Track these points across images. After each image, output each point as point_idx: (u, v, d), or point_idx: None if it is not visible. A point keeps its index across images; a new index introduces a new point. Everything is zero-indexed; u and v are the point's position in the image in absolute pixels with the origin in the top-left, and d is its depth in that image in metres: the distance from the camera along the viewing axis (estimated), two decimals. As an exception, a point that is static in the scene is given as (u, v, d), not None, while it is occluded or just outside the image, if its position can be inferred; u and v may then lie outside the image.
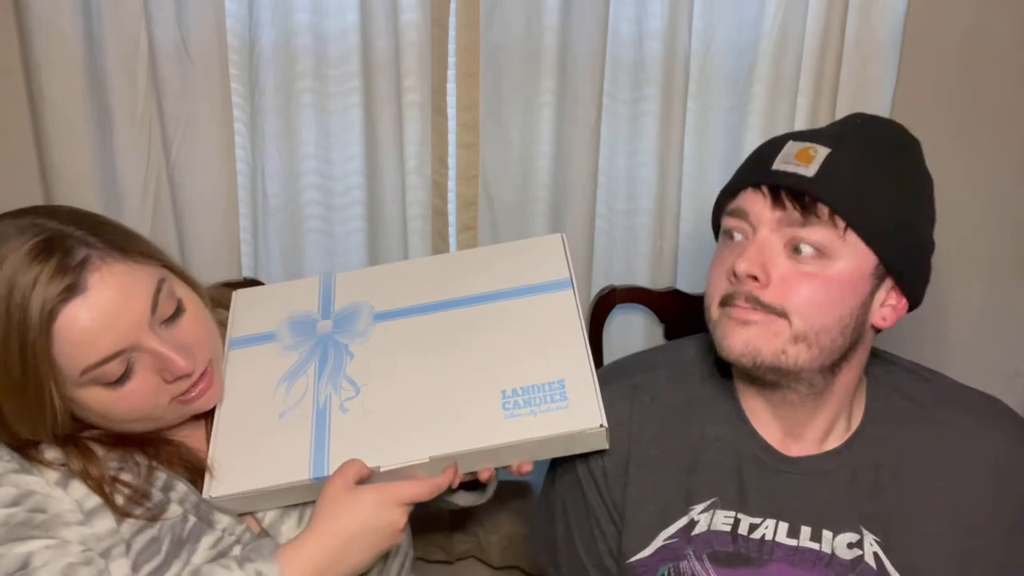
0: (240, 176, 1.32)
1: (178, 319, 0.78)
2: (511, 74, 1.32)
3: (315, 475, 0.81)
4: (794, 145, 0.81)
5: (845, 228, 0.78)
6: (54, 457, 0.77)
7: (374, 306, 0.93)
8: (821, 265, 0.79)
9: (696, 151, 1.41)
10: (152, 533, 0.77)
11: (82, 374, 0.72)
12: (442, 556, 1.59)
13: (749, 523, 0.87)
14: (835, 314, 0.80)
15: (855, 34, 1.36)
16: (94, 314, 0.71)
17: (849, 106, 1.40)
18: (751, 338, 0.80)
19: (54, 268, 0.70)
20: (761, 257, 0.80)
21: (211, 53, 1.22)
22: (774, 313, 0.80)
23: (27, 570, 0.70)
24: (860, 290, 0.81)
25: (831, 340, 0.81)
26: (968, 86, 1.48)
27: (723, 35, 1.34)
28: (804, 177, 0.78)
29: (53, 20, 1.16)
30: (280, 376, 0.88)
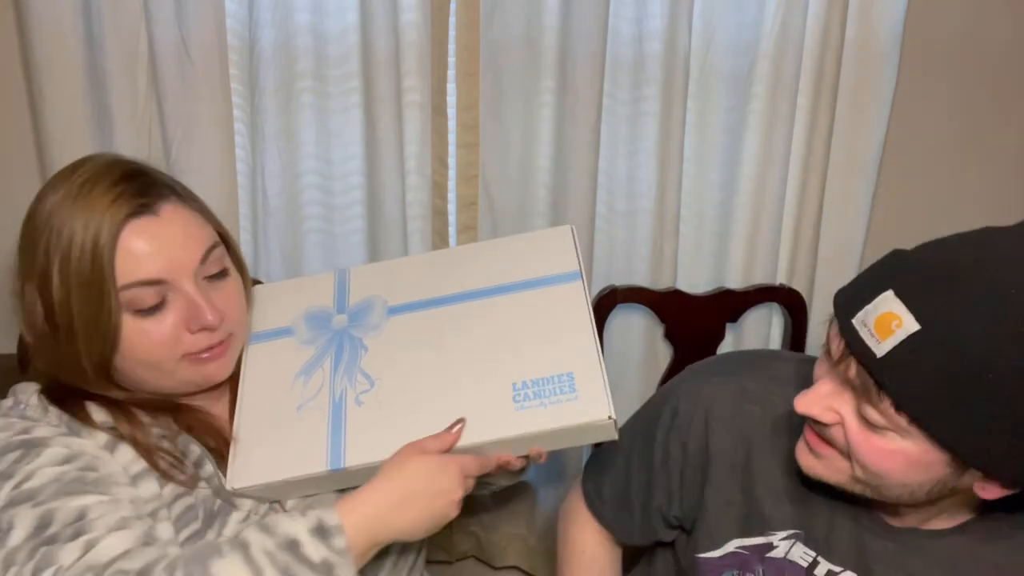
0: (240, 176, 1.32)
1: (219, 282, 0.83)
2: (511, 74, 1.32)
3: (332, 467, 0.83)
4: (884, 303, 0.67)
5: (909, 421, 0.67)
6: (102, 420, 0.80)
7: (387, 300, 0.94)
8: (884, 438, 0.70)
9: (696, 151, 1.41)
10: (189, 500, 0.80)
11: (122, 289, 0.76)
12: (442, 556, 1.60)
13: (828, 568, 0.83)
14: (897, 480, 0.72)
15: (855, 34, 1.36)
16: (155, 236, 0.78)
17: (849, 106, 1.40)
18: (815, 466, 0.77)
19: (135, 190, 0.78)
20: (827, 401, 0.73)
21: (211, 53, 1.22)
22: (839, 452, 0.74)
23: (84, 521, 0.72)
24: (933, 471, 0.70)
25: (898, 495, 0.74)
26: (968, 86, 1.48)
27: (723, 35, 1.34)
28: (872, 354, 0.66)
29: (53, 20, 1.17)
30: (298, 370, 0.90)
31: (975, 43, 1.45)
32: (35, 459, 0.74)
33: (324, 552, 0.72)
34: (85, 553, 0.70)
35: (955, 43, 1.45)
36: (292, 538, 0.72)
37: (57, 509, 0.72)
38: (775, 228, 1.45)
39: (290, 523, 0.73)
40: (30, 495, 0.72)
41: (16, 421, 0.78)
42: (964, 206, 1.54)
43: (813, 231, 1.47)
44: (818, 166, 1.43)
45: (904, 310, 0.65)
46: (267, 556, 0.71)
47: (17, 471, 0.73)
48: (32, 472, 0.74)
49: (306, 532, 0.72)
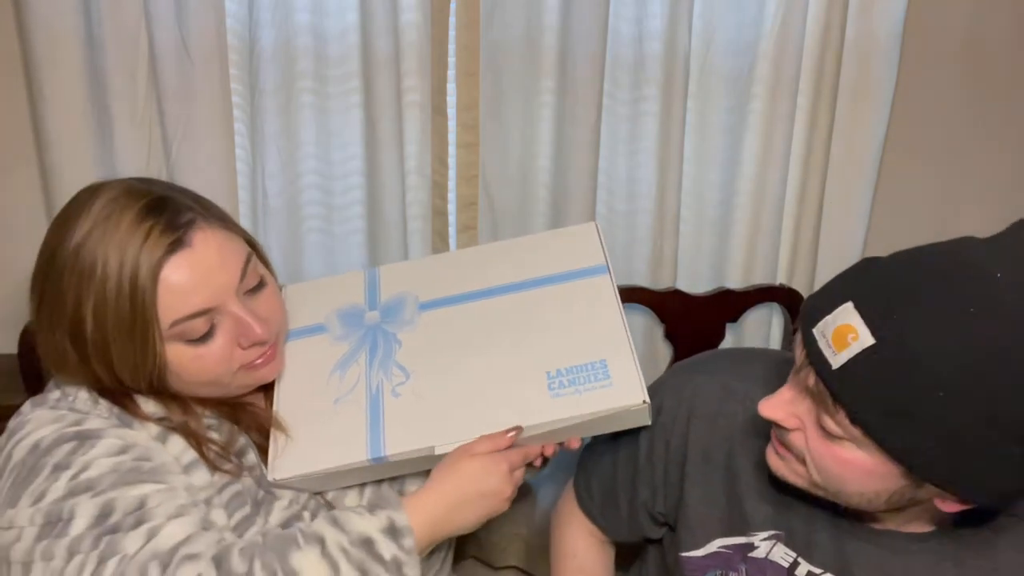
0: (240, 176, 1.32)
1: (259, 293, 0.84)
2: (511, 74, 1.32)
3: (372, 456, 0.84)
4: (843, 315, 0.66)
5: (864, 435, 0.67)
6: (152, 411, 0.81)
7: (419, 296, 0.96)
8: (841, 446, 0.70)
9: (696, 151, 1.41)
10: (237, 487, 0.82)
11: (171, 326, 0.76)
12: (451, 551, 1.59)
13: (808, 570, 0.83)
14: (854, 489, 0.72)
15: (855, 34, 1.36)
16: (194, 269, 0.77)
17: (849, 106, 1.40)
18: (780, 468, 0.78)
19: (164, 224, 0.76)
20: (790, 407, 0.73)
21: (211, 53, 1.22)
22: (797, 458, 0.75)
23: (144, 509, 0.73)
24: (890, 482, 0.70)
25: (856, 503, 0.74)
26: (968, 86, 1.48)
27: (723, 35, 1.34)
28: (828, 366, 0.66)
29: (53, 20, 1.17)
30: (333, 365, 0.92)
31: (975, 43, 1.45)
32: (91, 450, 0.75)
33: (395, 550, 0.76)
34: (148, 541, 0.72)
35: (955, 43, 1.45)
36: (366, 536, 0.75)
37: (117, 498, 0.73)
38: (775, 228, 1.45)
39: (362, 521, 0.76)
40: (89, 485, 0.73)
41: (67, 413, 0.78)
42: (964, 206, 1.54)
43: (813, 231, 1.47)
44: (818, 166, 1.43)
45: (861, 323, 0.65)
46: (342, 552, 0.74)
47: (74, 462, 0.74)
48: (89, 463, 0.74)
49: (378, 531, 0.76)
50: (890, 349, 0.64)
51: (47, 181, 1.26)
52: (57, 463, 0.74)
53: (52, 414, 0.78)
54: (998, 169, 1.53)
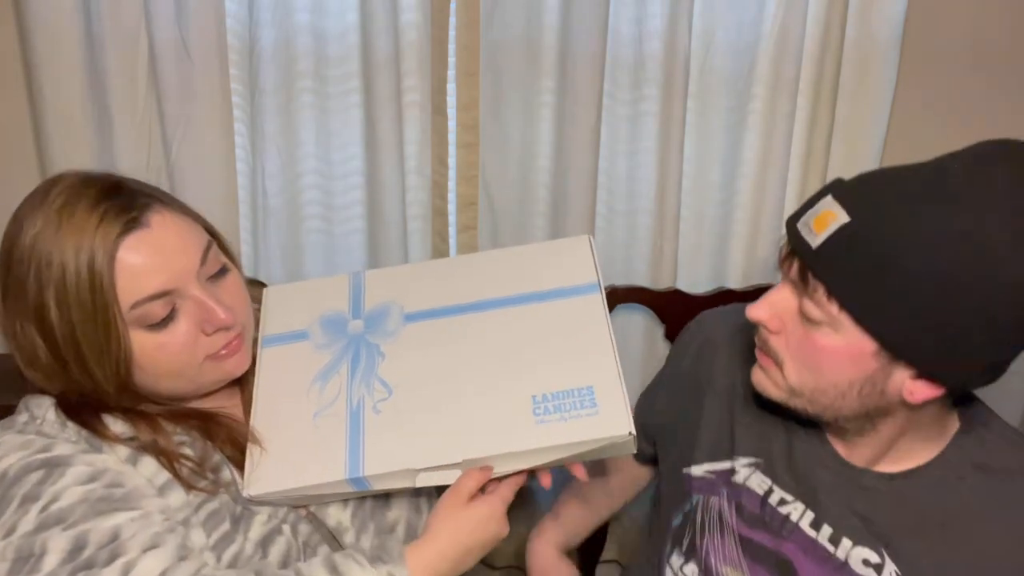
0: (240, 176, 1.32)
1: (221, 280, 0.83)
2: (511, 74, 1.32)
3: (351, 475, 0.82)
4: (823, 204, 0.74)
5: (839, 308, 0.73)
6: (121, 431, 0.79)
7: (404, 306, 0.93)
8: (819, 332, 0.75)
9: (696, 151, 1.41)
10: (214, 506, 0.80)
11: (131, 308, 0.75)
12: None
13: (780, 496, 0.88)
14: (828, 380, 0.77)
15: (855, 34, 1.36)
16: (152, 249, 0.76)
17: (849, 106, 1.40)
18: (761, 380, 0.84)
19: (120, 206, 0.75)
20: (774, 307, 0.79)
21: (211, 53, 1.22)
22: (775, 362, 0.81)
23: (119, 541, 0.71)
24: (863, 366, 0.75)
25: (831, 401, 0.79)
26: (968, 86, 1.48)
27: (723, 35, 1.34)
28: (809, 247, 0.73)
29: (53, 20, 1.17)
30: (314, 375, 0.89)
31: (975, 43, 1.45)
32: (60, 479, 0.73)
33: None
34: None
35: (955, 43, 1.45)
36: None
37: (90, 531, 0.71)
38: (775, 228, 1.45)
39: (362, 573, 0.75)
40: (60, 517, 0.71)
41: (34, 438, 0.76)
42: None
43: (813, 231, 1.47)
44: (818, 166, 1.42)
45: (839, 207, 0.72)
46: None
47: (43, 492, 0.72)
48: (59, 493, 0.72)
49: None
50: (866, 226, 0.70)
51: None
52: (26, 494, 0.72)
53: (20, 439, 0.76)
54: (998, 169, 1.53)
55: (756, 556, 0.89)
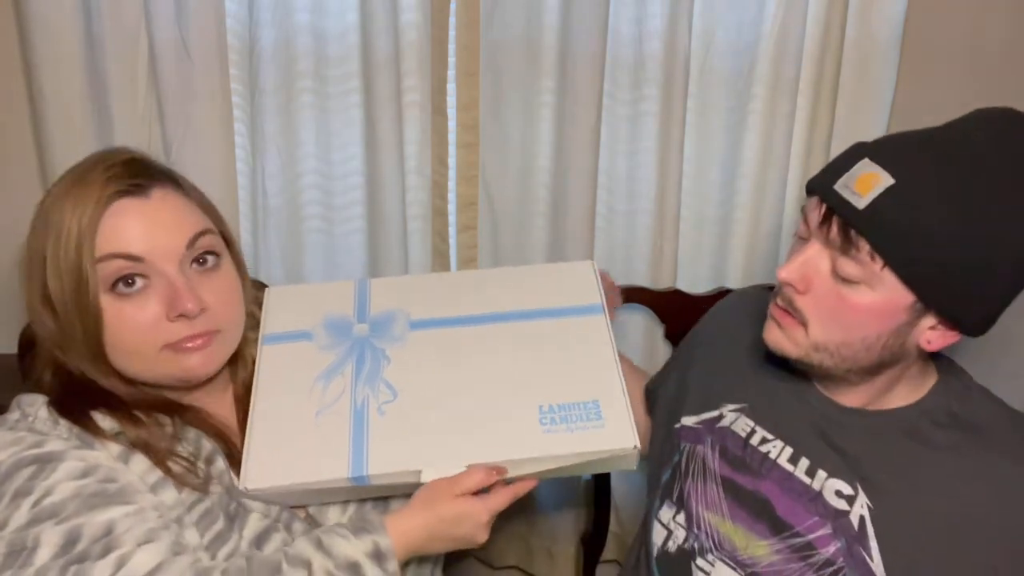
0: (240, 176, 1.32)
1: (211, 273, 0.83)
2: (511, 74, 1.32)
3: (354, 474, 0.82)
4: (862, 167, 0.78)
5: (883, 266, 0.77)
6: (109, 427, 0.79)
7: (410, 314, 0.94)
8: (854, 291, 0.79)
9: (696, 151, 1.41)
10: (206, 505, 0.80)
11: (97, 260, 0.76)
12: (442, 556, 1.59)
13: (762, 436, 0.93)
14: (857, 335, 0.81)
15: (855, 34, 1.36)
16: (141, 216, 0.78)
17: (849, 106, 1.40)
18: (779, 339, 0.86)
19: (131, 172, 0.79)
20: (804, 268, 0.82)
21: (211, 53, 1.22)
22: (799, 321, 0.84)
23: (112, 536, 0.71)
24: (894, 319, 0.80)
25: (853, 353, 0.83)
26: (968, 86, 1.48)
27: (723, 35, 1.34)
28: (854, 208, 0.77)
29: (53, 20, 1.17)
30: (317, 374, 0.89)
31: (975, 43, 1.45)
32: (52, 474, 0.73)
33: (379, 574, 0.76)
34: (118, 570, 0.69)
35: (955, 43, 1.45)
36: (353, 561, 0.75)
37: (83, 524, 0.71)
38: (775, 228, 1.45)
39: (348, 545, 0.76)
40: (53, 511, 0.71)
41: (26, 435, 0.76)
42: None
43: (813, 231, 1.47)
44: (818, 166, 1.42)
45: (880, 170, 0.76)
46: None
47: (35, 487, 0.72)
48: (51, 487, 0.72)
49: (364, 555, 0.76)
50: (910, 186, 0.75)
51: (47, 180, 1.26)
52: (17, 489, 0.72)
53: (11, 436, 0.76)
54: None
55: (736, 497, 0.92)
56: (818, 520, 0.85)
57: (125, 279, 0.77)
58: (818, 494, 0.86)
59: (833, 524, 0.84)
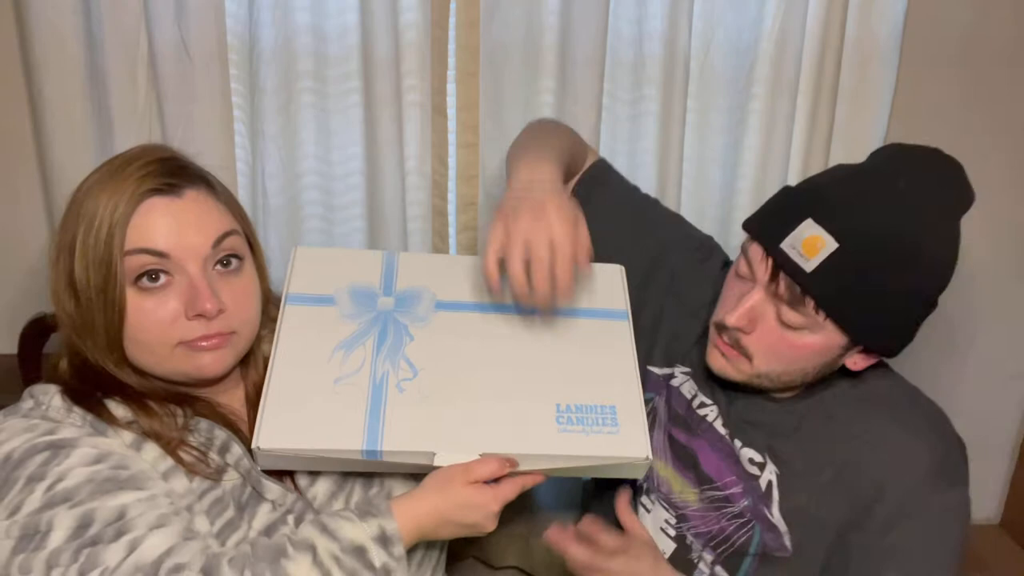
0: (240, 176, 1.32)
1: (232, 277, 0.84)
2: (511, 74, 1.32)
3: (368, 447, 0.81)
4: (807, 228, 0.84)
5: (825, 317, 0.85)
6: (123, 415, 0.80)
7: (436, 294, 0.94)
8: (797, 334, 0.88)
9: (696, 151, 1.41)
10: (217, 493, 0.81)
11: (125, 254, 0.78)
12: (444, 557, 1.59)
13: (701, 401, 1.02)
14: (797, 367, 0.91)
15: (855, 34, 1.36)
16: (171, 215, 0.80)
17: (849, 106, 1.40)
18: (724, 366, 0.94)
19: (167, 171, 0.81)
20: (751, 314, 0.89)
21: (211, 53, 1.22)
22: (744, 355, 0.91)
23: (125, 520, 0.72)
24: (829, 354, 0.90)
25: (791, 379, 0.93)
26: (968, 86, 1.48)
27: (723, 35, 1.34)
28: (802, 270, 0.84)
29: (53, 20, 1.17)
30: (338, 342, 0.89)
31: (975, 43, 1.45)
32: (65, 460, 0.74)
33: (385, 558, 0.76)
34: (130, 553, 0.70)
35: (955, 43, 1.45)
36: (358, 544, 0.75)
37: (96, 509, 0.72)
38: (775, 228, 1.45)
39: (353, 528, 0.76)
40: (66, 496, 0.72)
41: (39, 422, 0.77)
42: (964, 206, 1.54)
43: (813, 231, 1.47)
44: (818, 166, 1.42)
45: (824, 233, 0.83)
46: (334, 560, 0.74)
47: (48, 472, 0.73)
48: (65, 473, 0.73)
49: (370, 539, 0.76)
50: (852, 248, 0.82)
51: (47, 181, 1.26)
52: (31, 474, 0.73)
53: (24, 423, 0.77)
54: (998, 169, 1.53)
55: (673, 448, 1.03)
56: (734, 479, 0.98)
57: (149, 274, 0.79)
58: (736, 458, 0.97)
59: (744, 485, 0.96)
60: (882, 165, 0.88)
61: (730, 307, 0.90)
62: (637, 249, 1.06)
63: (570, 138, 1.09)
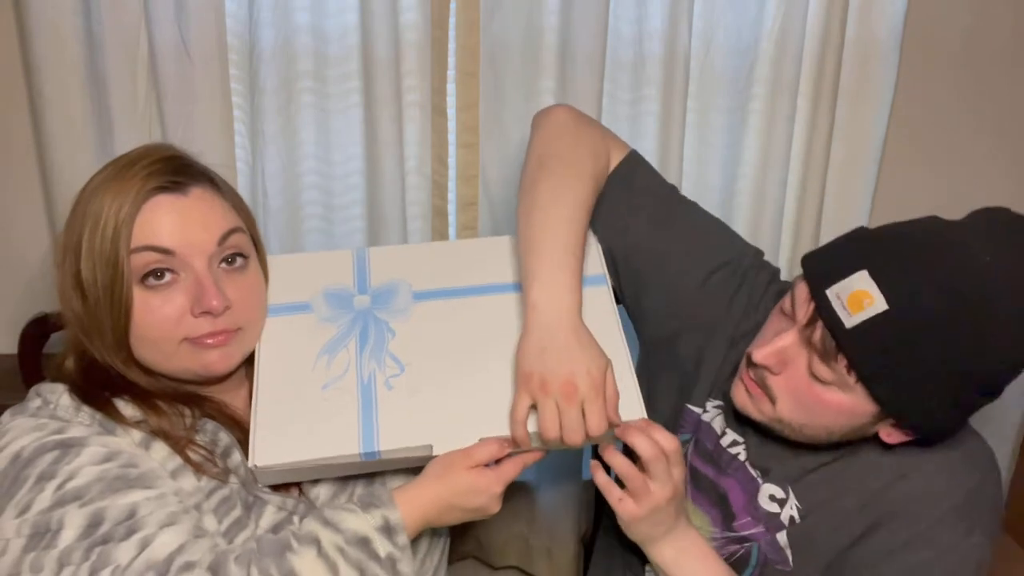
0: (240, 176, 1.32)
1: (237, 274, 0.84)
2: (511, 74, 1.32)
3: (365, 450, 0.81)
4: (858, 281, 0.76)
5: (857, 380, 0.77)
6: (131, 415, 0.81)
7: (412, 284, 0.94)
8: (826, 389, 0.80)
9: (696, 151, 1.41)
10: (225, 492, 0.81)
11: (131, 251, 0.78)
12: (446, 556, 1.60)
13: (732, 439, 0.95)
14: (821, 422, 0.83)
15: (855, 34, 1.36)
16: (177, 212, 0.80)
17: (849, 106, 1.40)
18: (745, 403, 0.87)
19: (172, 169, 0.81)
20: (782, 356, 0.82)
21: (211, 53, 1.22)
22: (768, 396, 0.84)
23: (136, 518, 0.72)
24: (858, 419, 0.82)
25: (815, 433, 0.85)
26: (968, 86, 1.48)
27: (723, 35, 1.34)
28: (841, 324, 0.76)
29: (53, 20, 1.17)
30: (320, 347, 0.88)
31: (975, 43, 1.45)
32: (75, 459, 0.74)
33: (389, 548, 0.76)
34: (141, 551, 0.70)
35: (955, 43, 1.45)
36: (362, 535, 0.76)
37: (107, 507, 0.72)
38: (775, 228, 1.45)
39: (356, 520, 0.76)
40: (77, 494, 0.72)
41: (48, 421, 0.77)
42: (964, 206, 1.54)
43: (813, 231, 1.47)
44: (818, 166, 1.43)
45: (876, 290, 0.75)
46: (339, 552, 0.74)
47: (59, 471, 0.73)
48: (75, 471, 0.73)
49: (374, 530, 0.76)
50: (901, 314, 0.74)
51: (47, 181, 1.26)
52: (41, 473, 0.73)
53: (32, 422, 0.77)
54: (998, 169, 1.53)
55: (697, 482, 0.97)
56: (750, 520, 0.92)
57: (155, 272, 0.79)
58: (756, 499, 0.92)
59: (763, 524, 0.91)
60: (974, 229, 0.79)
61: (763, 343, 0.84)
62: (664, 281, 0.98)
63: (590, 160, 0.96)
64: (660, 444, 0.82)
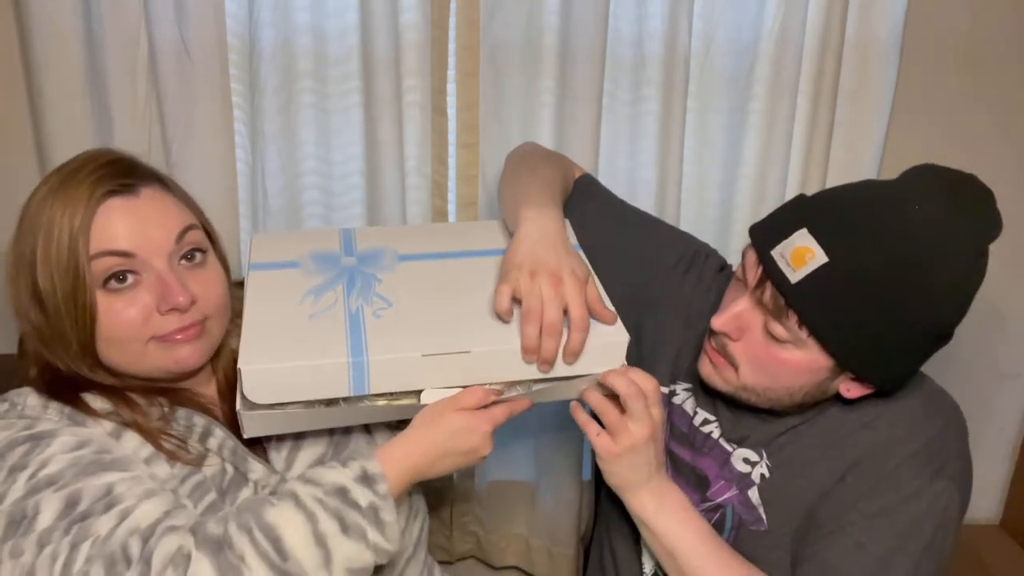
0: (240, 176, 1.32)
1: (197, 268, 0.84)
2: (511, 74, 1.32)
3: (354, 358, 0.81)
4: (799, 238, 0.81)
5: (808, 334, 0.82)
6: (101, 407, 0.81)
7: (397, 250, 0.97)
8: (782, 348, 0.85)
9: (696, 151, 1.41)
10: (199, 478, 0.82)
11: (91, 258, 0.77)
12: (442, 556, 1.60)
13: (704, 417, 1.01)
14: (782, 383, 0.88)
15: (855, 34, 1.36)
16: (131, 213, 0.80)
17: (849, 106, 1.40)
18: (711, 374, 0.93)
19: (120, 172, 0.81)
20: (738, 321, 0.87)
21: (211, 53, 1.23)
22: (731, 363, 0.89)
23: (112, 496, 0.72)
24: (817, 375, 0.86)
25: (778, 397, 0.90)
26: (968, 86, 1.48)
27: (723, 35, 1.34)
28: (787, 280, 0.81)
29: (53, 20, 1.17)
30: (307, 290, 0.90)
31: (975, 42, 1.45)
32: (46, 449, 0.75)
33: (370, 497, 0.76)
34: (122, 520, 0.71)
35: (955, 43, 1.45)
36: (340, 485, 0.75)
37: (83, 488, 0.72)
38: (775, 228, 1.45)
39: (334, 472, 0.77)
40: (50, 481, 0.72)
41: (16, 420, 0.78)
42: (964, 206, 1.54)
43: (813, 231, 1.47)
44: (818, 166, 1.43)
45: (816, 245, 0.79)
46: (317, 502, 0.74)
47: (30, 462, 0.73)
48: (47, 460, 0.74)
49: (351, 480, 0.76)
50: (841, 265, 0.79)
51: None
52: (12, 465, 0.73)
53: (1, 423, 0.77)
54: (998, 169, 1.53)
55: (676, 467, 1.01)
56: (723, 484, 0.97)
57: (117, 275, 0.79)
58: (728, 461, 0.97)
59: (734, 485, 0.96)
60: (904, 186, 0.85)
61: (721, 311, 0.88)
62: (621, 272, 1.03)
63: (559, 163, 1.10)
64: (638, 383, 0.85)
